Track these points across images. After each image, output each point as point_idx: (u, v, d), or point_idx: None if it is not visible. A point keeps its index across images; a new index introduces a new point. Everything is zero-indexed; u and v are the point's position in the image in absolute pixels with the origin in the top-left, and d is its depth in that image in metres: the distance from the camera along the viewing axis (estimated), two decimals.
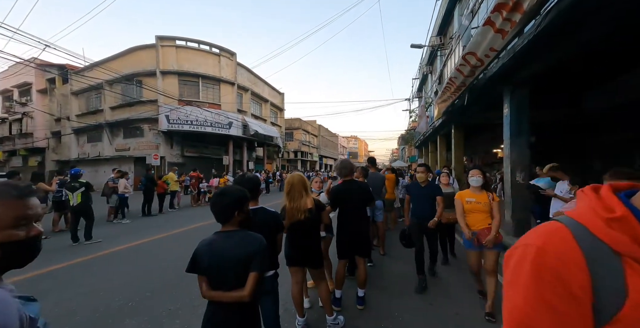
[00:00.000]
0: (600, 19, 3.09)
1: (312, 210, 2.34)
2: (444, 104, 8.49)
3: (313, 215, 2.34)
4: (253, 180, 1.93)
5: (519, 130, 5.30)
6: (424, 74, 17.32)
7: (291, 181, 2.40)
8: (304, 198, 2.35)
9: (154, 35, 17.50)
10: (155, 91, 16.04)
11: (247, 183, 1.85)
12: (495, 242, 2.57)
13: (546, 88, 6.58)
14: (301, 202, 2.33)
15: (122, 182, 7.79)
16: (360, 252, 2.81)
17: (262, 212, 1.93)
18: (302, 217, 2.29)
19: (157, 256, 4.57)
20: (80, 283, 3.52)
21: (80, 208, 5.29)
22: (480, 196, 2.72)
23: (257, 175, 2.26)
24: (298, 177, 2.42)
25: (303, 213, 2.30)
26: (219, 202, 1.39)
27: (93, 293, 3.23)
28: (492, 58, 4.51)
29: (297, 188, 2.36)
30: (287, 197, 2.37)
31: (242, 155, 21.83)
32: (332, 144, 52.64)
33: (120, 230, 6.56)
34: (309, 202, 2.35)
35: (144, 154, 17.23)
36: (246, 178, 1.93)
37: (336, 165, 3.00)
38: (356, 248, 2.79)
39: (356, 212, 2.82)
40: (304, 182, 2.41)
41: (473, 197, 2.72)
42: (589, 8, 2.97)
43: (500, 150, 12.94)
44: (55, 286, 3.42)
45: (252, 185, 1.89)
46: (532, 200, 5.05)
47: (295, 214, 2.30)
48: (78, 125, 20.17)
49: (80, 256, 4.55)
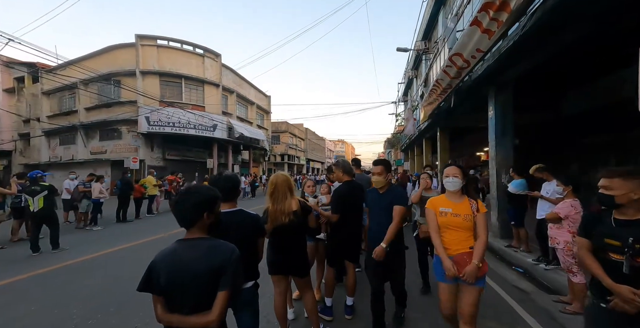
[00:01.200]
0: (583, 18, 3.11)
1: (298, 213, 2.15)
2: (430, 107, 8.54)
3: (298, 219, 2.15)
4: (231, 179, 1.72)
5: (503, 131, 5.34)
6: (410, 78, 17.60)
7: (275, 181, 2.20)
8: (289, 199, 2.16)
9: (134, 34, 16.88)
10: (135, 91, 15.38)
11: (225, 182, 1.64)
12: (477, 274, 1.76)
13: (526, 91, 6.73)
14: (285, 204, 2.13)
15: (96, 186, 7.27)
16: (350, 256, 2.63)
17: (240, 214, 1.72)
18: (287, 221, 2.09)
19: (127, 266, 4.20)
20: (35, 297, 3.13)
21: (42, 214, 4.80)
22: (459, 206, 1.92)
23: (236, 173, 1.99)
24: (282, 177, 2.23)
25: (287, 216, 2.10)
26: (182, 202, 1.17)
27: (48, 309, 2.86)
28: (478, 59, 4.51)
29: (280, 189, 2.16)
30: (270, 199, 2.17)
31: (227, 158, 21.29)
32: (319, 148, 52.57)
33: (89, 238, 6.07)
34: (294, 204, 2.16)
35: (122, 157, 16.39)
36: (224, 176, 1.72)
37: (340, 163, 2.84)
38: (347, 252, 2.61)
39: (356, 214, 2.65)
40: (289, 183, 2.21)
41: (449, 206, 1.95)
42: (572, 7, 2.98)
43: (484, 153, 13.25)
44: (5, 302, 3.02)
45: (230, 184, 1.69)
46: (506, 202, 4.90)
47: (279, 217, 2.10)
48: (49, 127, 19.03)
49: (40, 267, 4.10)
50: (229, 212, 1.66)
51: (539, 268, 3.46)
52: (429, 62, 12.53)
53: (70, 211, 7.62)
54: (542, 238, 3.52)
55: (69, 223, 7.58)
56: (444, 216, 1.93)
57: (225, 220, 1.62)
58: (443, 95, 6.82)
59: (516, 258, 4.04)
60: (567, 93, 7.62)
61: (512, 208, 4.30)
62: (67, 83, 16.03)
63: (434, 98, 7.42)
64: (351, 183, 2.70)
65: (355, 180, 2.80)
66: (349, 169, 2.76)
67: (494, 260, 4.30)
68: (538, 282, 3.37)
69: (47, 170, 19.64)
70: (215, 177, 1.74)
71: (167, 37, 17.90)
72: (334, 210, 2.59)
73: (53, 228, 4.93)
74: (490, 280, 3.51)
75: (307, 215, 2.24)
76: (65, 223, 7.57)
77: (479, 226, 1.87)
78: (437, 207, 1.99)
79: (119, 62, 17.05)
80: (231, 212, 1.67)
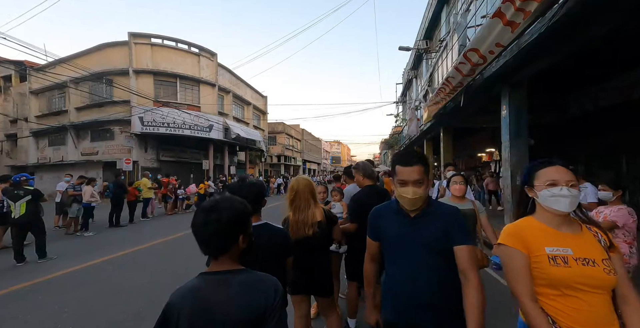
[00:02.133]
0: (618, 7, 2.89)
1: (323, 224, 1.86)
2: (435, 107, 8.33)
3: (323, 231, 1.86)
4: (256, 186, 1.43)
5: (518, 132, 5.13)
6: (409, 78, 17.46)
7: (295, 186, 1.91)
8: (312, 208, 1.87)
9: (127, 32, 16.39)
10: (129, 91, 14.89)
11: (248, 191, 1.35)
12: None
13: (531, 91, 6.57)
14: (309, 214, 1.84)
15: (87, 189, 6.86)
16: None
17: (267, 229, 1.42)
18: (310, 233, 1.81)
19: (121, 277, 3.84)
20: (12, 315, 2.77)
21: (25, 220, 4.40)
22: (581, 241, 1.03)
23: (260, 179, 1.65)
24: (304, 181, 1.94)
25: (311, 227, 1.81)
26: (210, 222, 0.85)
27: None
28: (496, 55, 4.28)
29: (303, 195, 1.88)
30: (291, 207, 1.88)
31: (223, 159, 20.85)
32: (316, 149, 52.30)
33: (81, 245, 5.67)
34: (318, 214, 1.87)
35: (114, 159, 15.87)
36: (248, 183, 1.42)
37: (361, 165, 2.53)
38: None
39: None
40: (311, 188, 1.93)
41: (564, 242, 1.03)
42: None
43: (486, 154, 13.13)
44: None
45: (255, 193, 1.40)
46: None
47: (302, 229, 1.81)
48: (38, 127, 18.36)
49: (23, 280, 3.72)
50: (254, 226, 1.37)
51: None
52: (431, 61, 12.38)
53: (62, 215, 7.19)
54: None
55: (59, 228, 7.16)
56: (562, 266, 0.99)
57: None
58: (452, 94, 6.60)
59: None
60: (571, 94, 7.50)
61: None
62: (57, 82, 15.45)
63: (441, 97, 7.20)
64: (373, 189, 2.42)
65: (376, 185, 2.51)
66: (370, 172, 2.48)
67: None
68: None
69: (35, 171, 18.98)
70: (237, 183, 1.44)
71: (162, 35, 17.44)
72: (352, 219, 2.30)
73: (38, 236, 4.53)
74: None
75: (332, 226, 1.95)
76: (55, 228, 7.15)
77: (622, 280, 0.99)
78: (534, 244, 1.04)
79: (111, 61, 16.54)
80: (256, 227, 1.38)
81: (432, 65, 10.89)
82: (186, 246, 5.46)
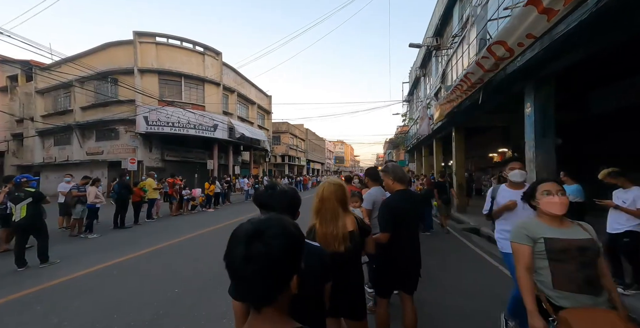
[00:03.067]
0: None
1: (355, 235, 1.60)
2: (449, 105, 8.03)
3: (356, 244, 1.60)
4: (290, 196, 1.17)
5: (544, 131, 4.82)
6: (417, 76, 17.11)
7: (321, 193, 1.65)
8: (342, 217, 1.61)
9: (132, 31, 16.28)
10: (133, 90, 14.76)
11: (280, 202, 1.10)
12: None
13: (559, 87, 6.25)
14: (338, 225, 1.58)
15: (92, 190, 6.67)
16: (408, 286, 2.08)
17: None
18: (342, 248, 1.54)
19: (125, 285, 3.62)
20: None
21: (26, 223, 4.21)
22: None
23: (293, 187, 1.35)
24: (330, 187, 1.66)
25: (342, 242, 1.55)
26: (255, 258, 0.58)
27: None
28: (526, 47, 3.99)
29: (330, 204, 1.61)
30: (317, 217, 1.61)
31: (227, 159, 20.70)
32: (319, 148, 52.06)
33: (85, 248, 5.48)
34: (350, 223, 1.61)
35: (119, 158, 15.79)
36: (279, 191, 1.16)
37: (390, 168, 2.23)
38: (405, 281, 2.07)
39: (413, 231, 2.11)
40: (339, 194, 1.65)
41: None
42: None
43: (497, 155, 12.77)
44: None
45: (288, 204, 1.15)
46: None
47: (331, 243, 1.54)
48: (43, 127, 18.34)
49: (23, 288, 3.52)
50: None
51: None
52: (441, 58, 12.04)
53: (66, 216, 7.02)
54: (616, 257, 3.00)
55: (65, 229, 6.99)
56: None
57: None
58: (469, 91, 6.30)
59: None
60: (594, 91, 7.15)
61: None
62: (63, 81, 15.38)
63: (457, 95, 6.90)
64: (406, 194, 2.15)
65: (409, 190, 2.25)
66: (401, 175, 2.20)
67: None
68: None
69: (41, 171, 18.99)
70: (266, 192, 1.18)
71: (166, 34, 17.32)
72: (383, 228, 2.02)
73: (40, 239, 4.34)
74: None
75: (365, 236, 1.70)
76: (59, 229, 6.99)
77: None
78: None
79: (116, 60, 16.45)
80: None
81: (445, 62, 10.55)
82: (192, 250, 5.25)
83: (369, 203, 2.67)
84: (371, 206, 2.64)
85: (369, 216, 2.67)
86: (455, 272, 4.06)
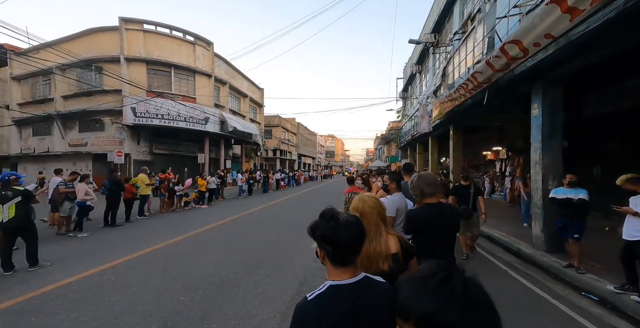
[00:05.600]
0: None
1: (399, 257, 1.47)
2: (450, 104, 8.00)
3: (399, 266, 1.46)
4: (357, 229, 1.00)
5: (552, 132, 4.83)
6: (412, 73, 17.07)
7: (361, 208, 1.51)
8: (384, 236, 1.48)
9: (117, 17, 15.39)
10: (120, 79, 14.03)
11: (345, 236, 0.97)
12: None
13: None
14: (381, 243, 1.45)
15: (81, 186, 6.28)
16: None
17: (370, 286, 1.00)
18: (386, 268, 1.40)
19: (128, 290, 3.41)
20: None
21: (14, 225, 3.89)
22: None
23: (356, 216, 1.15)
24: (371, 201, 1.54)
25: (386, 260, 1.41)
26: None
27: None
28: (542, 48, 3.93)
29: (371, 219, 1.48)
30: None
31: (219, 153, 20.23)
32: (311, 143, 51.78)
33: (75, 249, 5.16)
34: (393, 244, 1.48)
35: (104, 151, 15.09)
36: (343, 223, 0.98)
37: (416, 183, 1.98)
38: None
39: (446, 246, 1.99)
40: (380, 209, 1.53)
41: None
42: None
43: (490, 153, 12.97)
44: None
45: (355, 238, 1.00)
46: (562, 214, 4.01)
47: (375, 262, 1.41)
48: (20, 116, 17.29)
49: (11, 295, 3.24)
50: (352, 284, 0.98)
51: (627, 300, 2.96)
52: (439, 55, 12.00)
53: (57, 212, 6.60)
54: (632, 264, 3.04)
55: (51, 226, 6.59)
56: None
57: (349, 302, 0.94)
58: (474, 91, 6.26)
59: (584, 282, 3.52)
60: (589, 94, 7.27)
61: (577, 222, 3.78)
62: (42, 68, 14.43)
63: (460, 94, 6.86)
64: (438, 208, 1.94)
65: (441, 203, 2.02)
66: (432, 190, 1.95)
67: (550, 281, 3.80)
68: (628, 316, 2.86)
69: (18, 162, 17.99)
70: (327, 222, 0.98)
71: (155, 21, 16.51)
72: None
73: (30, 241, 4.02)
74: (569, 310, 2.99)
75: (409, 259, 1.56)
76: (50, 225, 6.59)
77: None
78: None
79: (101, 47, 15.57)
80: (355, 285, 0.99)
81: (444, 59, 10.50)
82: (190, 251, 5.04)
83: (392, 210, 2.55)
84: (395, 213, 2.53)
85: (392, 223, 2.56)
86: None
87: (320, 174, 37.43)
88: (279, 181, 19.50)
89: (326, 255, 1.01)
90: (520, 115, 6.89)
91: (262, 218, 8.29)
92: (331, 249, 0.98)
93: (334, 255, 0.99)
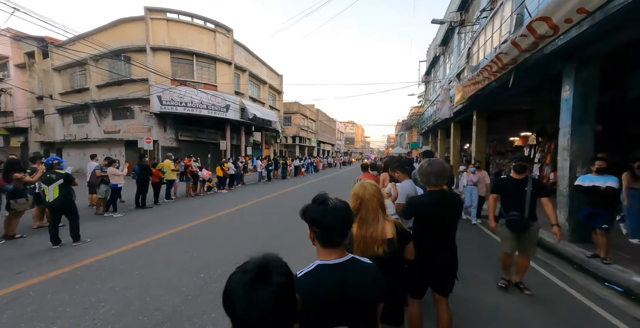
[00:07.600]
0: None
1: (394, 243, 1.55)
2: (473, 87, 7.59)
3: (394, 251, 1.55)
4: (345, 214, 1.09)
5: (583, 116, 4.49)
6: (436, 55, 16.17)
7: (361, 194, 1.59)
8: (381, 222, 1.56)
9: (143, 7, 15.80)
10: (146, 68, 14.63)
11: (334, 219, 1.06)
12: None
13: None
14: (378, 229, 1.54)
15: (111, 170, 6.85)
16: (444, 287, 2.04)
17: (356, 267, 1.08)
18: (381, 252, 1.50)
19: (155, 266, 3.77)
20: (52, 307, 2.72)
21: (58, 204, 4.40)
22: None
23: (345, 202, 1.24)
24: (371, 187, 1.61)
25: (381, 245, 1.51)
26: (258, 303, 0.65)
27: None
28: (574, 24, 3.60)
29: (370, 205, 1.57)
30: (355, 219, 1.55)
31: (239, 140, 20.79)
32: (330, 129, 51.51)
33: (112, 227, 5.72)
34: (389, 229, 1.55)
35: (135, 137, 16.08)
36: (332, 208, 1.07)
37: (425, 170, 2.02)
38: (440, 282, 2.03)
39: (448, 234, 2.02)
40: (379, 197, 1.60)
41: None
42: None
43: (518, 139, 12.25)
44: (9, 319, 2.60)
45: (344, 222, 1.08)
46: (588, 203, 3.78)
47: (371, 246, 1.51)
48: (62, 105, 18.69)
49: (59, 266, 3.71)
50: (339, 264, 1.07)
51: None
52: (464, 35, 11.23)
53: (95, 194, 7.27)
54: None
55: (91, 207, 7.29)
56: None
57: (335, 280, 1.02)
58: (499, 73, 5.89)
59: (608, 273, 3.37)
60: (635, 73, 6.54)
61: (605, 211, 3.58)
62: (77, 59, 15.37)
63: (485, 77, 6.48)
64: (440, 196, 2.02)
65: (445, 190, 2.06)
66: (438, 180, 2.01)
67: (572, 271, 3.68)
68: None
69: (62, 148, 19.65)
70: (317, 207, 1.07)
71: (177, 10, 16.78)
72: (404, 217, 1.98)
73: (72, 219, 4.54)
74: (589, 302, 2.91)
75: (405, 244, 1.63)
76: (89, 206, 7.30)
77: None
78: None
79: (128, 37, 16.19)
80: (341, 265, 1.07)
81: (470, 39, 9.84)
82: (210, 234, 5.37)
83: (403, 197, 2.57)
84: (405, 200, 2.56)
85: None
86: (487, 266, 3.78)
87: (339, 161, 36.88)
88: (298, 168, 19.79)
89: (315, 237, 1.09)
90: (553, 97, 6.42)
91: (279, 203, 8.59)
92: (319, 231, 1.07)
93: (322, 236, 1.07)
